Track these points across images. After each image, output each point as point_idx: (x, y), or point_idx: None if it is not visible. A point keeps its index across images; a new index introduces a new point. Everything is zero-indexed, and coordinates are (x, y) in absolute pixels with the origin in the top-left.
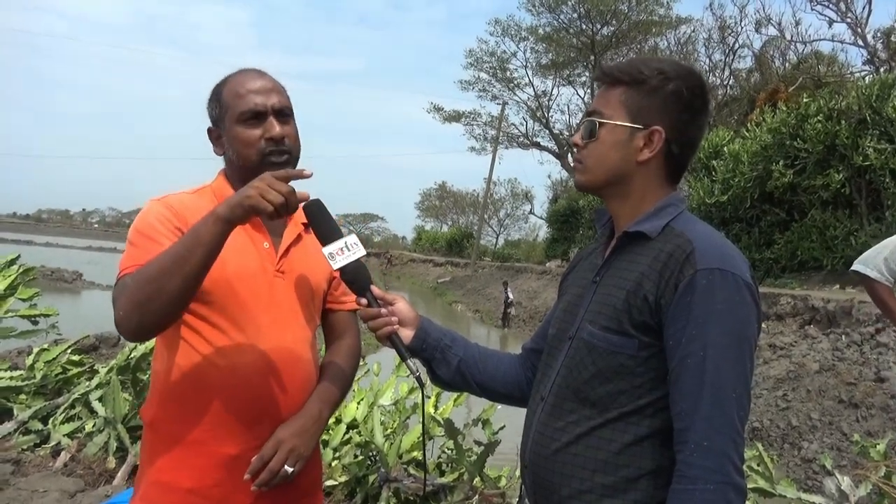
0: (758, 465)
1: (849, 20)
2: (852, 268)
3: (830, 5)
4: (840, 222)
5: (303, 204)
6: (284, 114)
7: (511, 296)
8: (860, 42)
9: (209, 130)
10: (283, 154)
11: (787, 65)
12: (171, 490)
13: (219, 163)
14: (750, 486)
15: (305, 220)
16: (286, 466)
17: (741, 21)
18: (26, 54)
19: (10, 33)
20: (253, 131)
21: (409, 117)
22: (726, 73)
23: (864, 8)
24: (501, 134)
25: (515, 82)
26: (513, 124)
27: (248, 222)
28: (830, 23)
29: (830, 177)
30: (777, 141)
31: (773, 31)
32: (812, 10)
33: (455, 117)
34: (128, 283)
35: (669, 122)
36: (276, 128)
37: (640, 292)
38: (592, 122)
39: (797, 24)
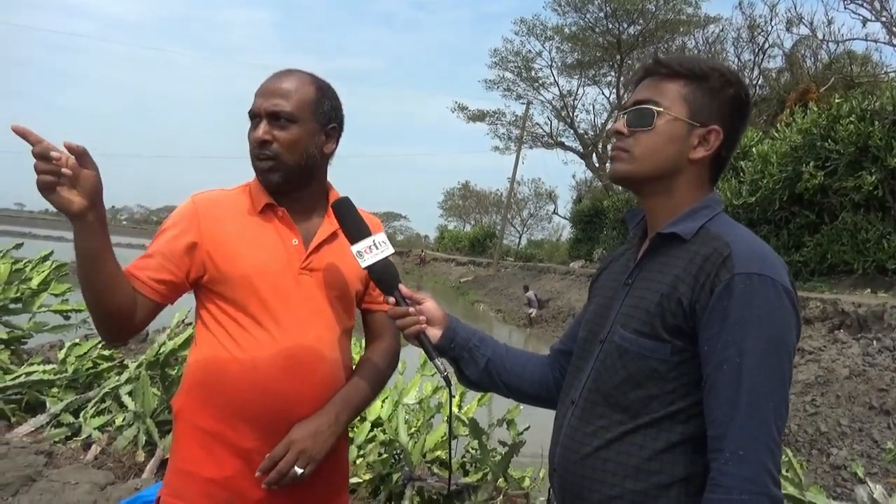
0: (787, 471)
1: (884, 19)
2: None
3: (864, 4)
4: (872, 225)
5: (332, 202)
6: (280, 118)
7: (534, 298)
8: (895, 41)
9: None
10: (267, 160)
11: (818, 64)
12: (193, 478)
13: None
14: None
15: None
16: (296, 468)
17: (771, 20)
18: (56, 54)
19: (41, 33)
20: (251, 132)
21: (432, 117)
22: (755, 72)
23: None
24: (525, 133)
25: (540, 82)
26: (537, 124)
27: (280, 220)
28: (864, 22)
29: (863, 179)
30: (807, 142)
31: (804, 30)
32: (845, 8)
33: (479, 117)
34: None
35: (725, 125)
36: (258, 131)
37: (675, 296)
38: (650, 110)
39: (830, 23)
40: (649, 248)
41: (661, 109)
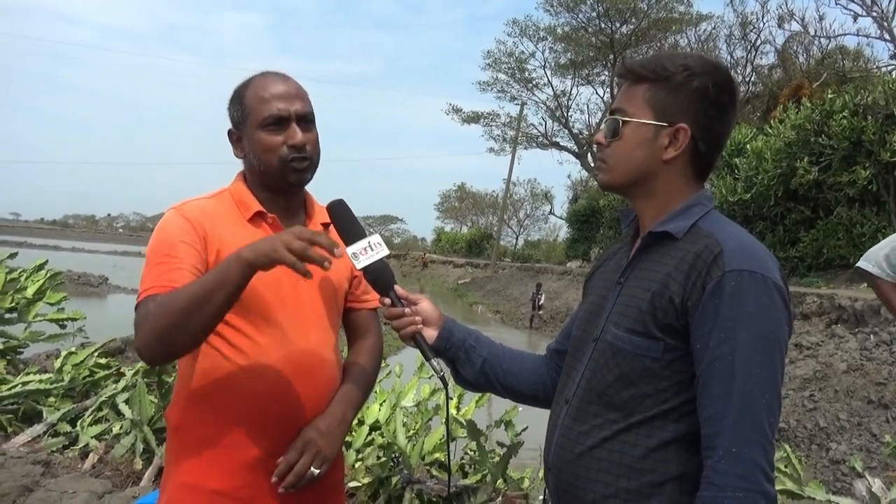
0: (785, 466)
1: (874, 14)
2: (857, 264)
3: None
4: (867, 219)
5: (328, 204)
6: (307, 120)
7: (542, 299)
8: (886, 36)
9: (230, 132)
10: (304, 161)
11: (810, 60)
12: (199, 492)
13: (239, 165)
14: (778, 487)
15: (325, 221)
16: (312, 468)
17: (763, 17)
18: (52, 63)
19: (36, 42)
20: (275, 137)
21: (428, 119)
22: (748, 69)
23: (890, 1)
24: (520, 134)
25: (534, 82)
26: (532, 124)
27: (271, 227)
28: (855, 17)
29: (857, 173)
30: (801, 137)
31: (796, 26)
32: (836, 4)
33: (474, 118)
34: (150, 310)
35: (695, 120)
36: (299, 135)
37: (666, 294)
38: (615, 120)
39: (821, 18)
40: (641, 246)
41: (626, 118)
